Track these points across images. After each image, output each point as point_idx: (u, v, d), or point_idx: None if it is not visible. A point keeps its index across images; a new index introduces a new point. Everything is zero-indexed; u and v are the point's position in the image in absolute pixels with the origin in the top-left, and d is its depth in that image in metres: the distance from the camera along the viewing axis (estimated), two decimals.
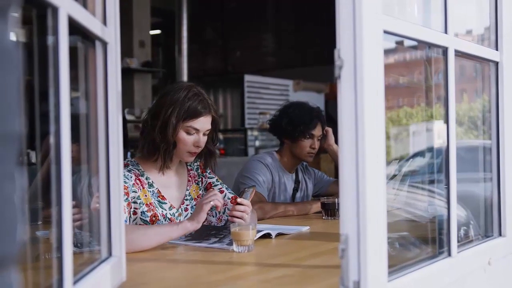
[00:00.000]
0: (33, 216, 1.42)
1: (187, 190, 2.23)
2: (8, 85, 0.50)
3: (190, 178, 2.26)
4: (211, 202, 1.91)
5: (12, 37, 0.55)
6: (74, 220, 1.34)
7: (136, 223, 2.05)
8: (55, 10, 0.95)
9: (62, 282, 0.96)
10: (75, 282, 1.03)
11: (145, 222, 2.05)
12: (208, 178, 2.30)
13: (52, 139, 0.97)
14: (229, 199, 2.26)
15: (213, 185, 2.28)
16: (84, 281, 1.10)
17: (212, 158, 2.24)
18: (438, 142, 1.81)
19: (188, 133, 2.08)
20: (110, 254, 1.32)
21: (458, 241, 1.48)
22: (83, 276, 1.13)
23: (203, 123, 2.09)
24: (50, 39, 0.97)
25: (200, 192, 2.27)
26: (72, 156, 1.00)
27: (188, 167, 2.29)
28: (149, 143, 2.09)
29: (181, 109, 2.04)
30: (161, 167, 2.12)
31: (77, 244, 1.28)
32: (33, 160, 2.55)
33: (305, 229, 2.26)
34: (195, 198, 2.24)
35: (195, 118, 2.07)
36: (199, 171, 2.30)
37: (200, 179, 2.29)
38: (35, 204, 1.53)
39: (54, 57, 0.96)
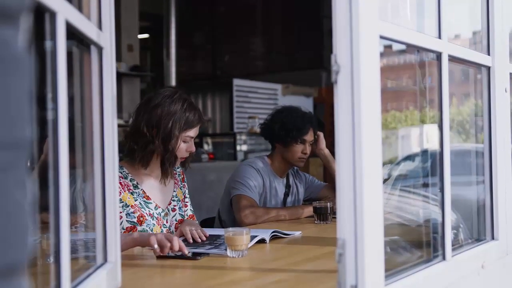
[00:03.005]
0: None
1: (174, 191, 2.32)
2: (20, 92, 0.50)
3: (176, 181, 2.36)
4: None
5: (22, 43, 0.54)
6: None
7: (122, 227, 2.08)
8: (53, 15, 0.94)
9: None
10: None
11: (133, 223, 2.11)
12: (186, 188, 2.42)
13: (49, 144, 0.96)
14: (187, 216, 2.35)
15: (186, 196, 2.40)
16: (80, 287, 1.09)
17: (189, 157, 2.31)
18: (428, 146, 1.82)
19: (185, 141, 2.20)
20: (105, 260, 1.31)
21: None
22: (80, 282, 1.12)
23: (197, 130, 2.24)
24: (47, 44, 0.96)
25: (183, 196, 2.37)
26: None
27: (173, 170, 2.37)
28: (148, 153, 2.15)
29: (181, 122, 2.16)
30: (164, 177, 2.22)
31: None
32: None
33: (297, 233, 2.26)
34: (181, 200, 2.34)
35: (192, 128, 2.20)
36: (180, 178, 2.40)
37: (182, 184, 2.40)
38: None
39: (52, 61, 0.95)
